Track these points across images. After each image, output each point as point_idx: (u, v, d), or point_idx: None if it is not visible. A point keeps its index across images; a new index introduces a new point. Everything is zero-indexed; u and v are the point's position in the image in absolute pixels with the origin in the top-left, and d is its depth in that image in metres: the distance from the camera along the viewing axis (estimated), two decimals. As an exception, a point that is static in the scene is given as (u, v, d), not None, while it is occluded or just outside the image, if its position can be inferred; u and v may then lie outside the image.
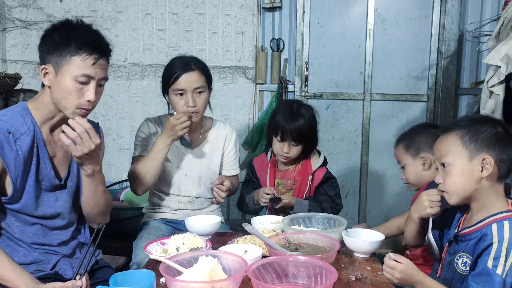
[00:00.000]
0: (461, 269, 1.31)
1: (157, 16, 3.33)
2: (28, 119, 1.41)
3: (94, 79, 1.40)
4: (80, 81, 1.37)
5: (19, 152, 1.37)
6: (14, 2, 3.29)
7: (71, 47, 1.35)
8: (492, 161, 1.26)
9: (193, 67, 1.90)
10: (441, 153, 1.34)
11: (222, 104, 3.37)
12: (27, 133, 1.39)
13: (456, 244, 1.36)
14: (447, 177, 1.31)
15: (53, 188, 1.48)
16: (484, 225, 1.27)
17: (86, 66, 1.37)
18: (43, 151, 1.43)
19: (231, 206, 3.48)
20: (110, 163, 3.43)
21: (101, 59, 1.40)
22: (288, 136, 2.01)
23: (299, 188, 2.10)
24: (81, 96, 1.39)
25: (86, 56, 1.36)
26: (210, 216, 1.81)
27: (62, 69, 1.36)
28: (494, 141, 1.27)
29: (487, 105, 2.17)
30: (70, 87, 1.37)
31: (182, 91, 1.88)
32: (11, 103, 2.64)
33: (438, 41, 3.38)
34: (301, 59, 3.39)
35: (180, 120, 1.84)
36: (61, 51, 1.36)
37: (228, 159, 2.12)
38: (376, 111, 3.49)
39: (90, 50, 1.37)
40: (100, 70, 1.41)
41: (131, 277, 1.14)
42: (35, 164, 1.41)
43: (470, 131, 1.29)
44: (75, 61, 1.36)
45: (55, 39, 1.37)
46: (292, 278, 1.25)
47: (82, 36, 1.38)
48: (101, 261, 1.65)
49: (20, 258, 1.42)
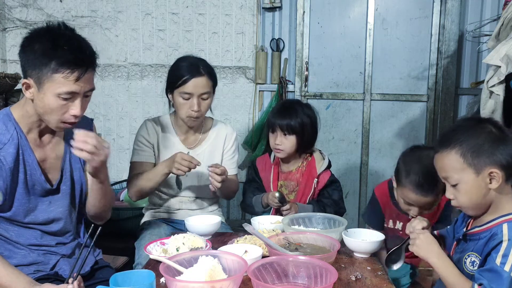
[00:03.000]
0: (469, 268, 1.30)
1: (157, 16, 3.33)
2: (11, 126, 1.35)
3: (79, 94, 1.32)
4: (64, 97, 1.30)
5: (4, 163, 1.33)
6: (14, 2, 3.29)
7: (51, 64, 1.26)
8: (499, 172, 1.24)
9: (202, 71, 1.89)
10: (445, 172, 1.31)
11: (222, 104, 3.37)
12: (10, 141, 1.34)
13: (464, 243, 1.36)
14: (458, 195, 1.30)
15: (45, 193, 1.45)
16: (494, 225, 1.27)
17: (69, 84, 1.28)
18: (31, 157, 1.39)
19: (231, 206, 3.48)
20: (110, 163, 3.41)
21: (85, 73, 1.31)
22: (277, 127, 2.03)
23: (303, 190, 2.10)
24: (65, 111, 1.33)
25: (68, 73, 1.27)
26: (210, 216, 1.81)
27: (44, 86, 1.28)
28: (495, 149, 1.25)
29: (487, 105, 2.17)
30: (53, 103, 1.30)
31: (189, 95, 1.88)
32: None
33: (438, 41, 3.38)
34: (301, 59, 3.39)
35: (184, 163, 1.80)
36: (41, 67, 1.27)
37: (226, 158, 2.11)
38: (376, 111, 3.49)
39: (73, 67, 1.28)
40: (85, 84, 1.33)
41: (131, 277, 1.14)
42: (23, 172, 1.37)
43: (470, 147, 1.26)
44: (56, 78, 1.27)
45: (36, 52, 1.28)
46: (292, 278, 1.25)
47: (63, 52, 1.28)
48: (101, 261, 1.65)
49: (19, 259, 1.42)
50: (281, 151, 2.06)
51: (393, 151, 3.53)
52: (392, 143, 3.53)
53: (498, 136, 1.27)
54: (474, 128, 1.30)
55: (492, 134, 1.27)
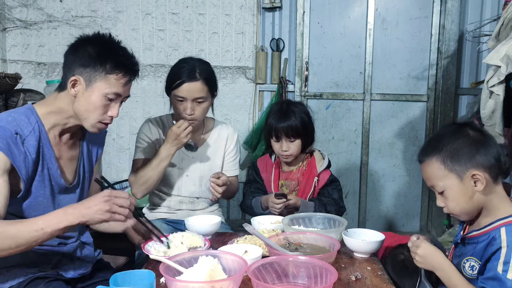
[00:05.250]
0: (468, 272, 1.30)
1: (157, 16, 3.33)
2: (33, 119, 1.39)
3: (121, 97, 1.44)
4: (110, 98, 1.40)
5: (27, 154, 1.35)
6: (14, 2, 3.29)
7: (107, 66, 1.37)
8: (482, 173, 1.24)
9: (198, 76, 1.87)
10: (431, 181, 1.33)
11: (222, 104, 3.37)
12: (32, 133, 1.37)
13: (462, 246, 1.36)
14: (447, 201, 1.31)
15: (58, 189, 1.46)
16: (492, 229, 1.26)
17: (118, 86, 1.40)
18: (49, 151, 1.42)
19: (231, 206, 3.48)
20: (110, 163, 3.43)
21: (133, 79, 1.46)
22: (282, 134, 2.02)
23: (303, 189, 2.10)
24: (105, 112, 1.42)
25: (121, 76, 1.40)
26: (210, 216, 1.81)
27: (94, 84, 1.38)
28: (475, 152, 1.25)
29: (487, 105, 2.17)
30: (98, 102, 1.39)
31: (182, 98, 1.88)
32: (11, 103, 2.64)
33: (438, 41, 3.39)
34: (301, 59, 3.39)
35: (181, 128, 1.83)
36: (96, 67, 1.37)
37: (228, 159, 2.12)
38: (376, 111, 3.49)
39: (125, 71, 1.41)
40: (128, 89, 1.46)
41: (131, 277, 1.14)
42: (41, 165, 1.40)
43: (448, 153, 1.27)
44: (109, 79, 1.38)
45: (91, 54, 1.37)
46: (292, 278, 1.25)
47: (120, 56, 1.41)
48: (102, 261, 1.65)
49: (20, 258, 1.41)
50: (289, 156, 2.07)
51: (393, 151, 3.53)
52: (392, 143, 3.53)
53: (477, 139, 1.27)
54: (453, 133, 1.31)
55: (470, 137, 1.27)
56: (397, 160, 3.54)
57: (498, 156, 1.26)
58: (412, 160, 3.49)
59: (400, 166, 3.55)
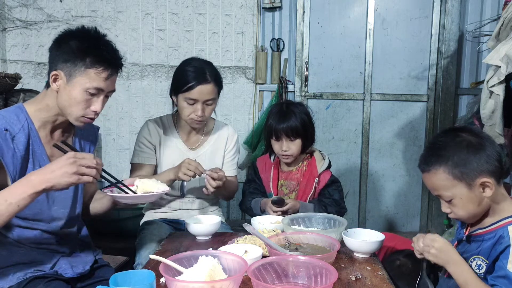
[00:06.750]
0: (475, 271, 1.30)
1: (157, 16, 3.33)
2: (22, 117, 1.39)
3: (103, 92, 1.42)
4: (91, 92, 1.39)
5: (16, 150, 1.35)
6: (14, 2, 3.29)
7: (87, 60, 1.36)
8: (491, 179, 1.24)
9: (209, 78, 1.88)
10: (437, 191, 1.32)
11: (222, 104, 3.36)
12: (21, 131, 1.37)
13: (467, 244, 1.36)
14: (455, 209, 1.30)
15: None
16: (499, 227, 1.26)
17: (99, 80, 1.38)
18: (40, 149, 1.42)
19: (231, 206, 3.48)
20: (110, 163, 3.43)
21: (115, 74, 1.43)
22: (282, 133, 2.02)
23: (303, 190, 2.10)
24: (88, 106, 1.41)
25: (101, 70, 1.38)
26: (210, 216, 1.81)
27: (75, 79, 1.37)
28: (480, 159, 1.25)
29: (487, 105, 2.17)
30: (79, 97, 1.38)
31: (194, 100, 1.88)
32: (11, 103, 2.64)
33: (438, 41, 3.39)
34: (301, 59, 3.39)
35: (189, 168, 1.81)
36: (76, 61, 1.36)
37: (227, 159, 2.12)
38: (376, 111, 3.49)
39: (106, 65, 1.38)
40: (111, 84, 1.43)
41: (131, 277, 1.14)
42: (31, 162, 1.39)
43: (456, 162, 1.26)
44: (89, 74, 1.37)
45: (72, 48, 1.37)
46: (292, 278, 1.25)
47: (100, 51, 1.38)
48: (101, 261, 1.65)
49: (20, 257, 1.42)
50: (290, 156, 2.07)
51: (393, 151, 3.53)
52: (392, 143, 3.53)
53: (479, 145, 1.27)
54: (454, 142, 1.29)
55: (472, 144, 1.27)
56: (397, 160, 3.54)
57: (499, 158, 1.27)
58: (412, 160, 3.49)
59: (400, 166, 3.55)
